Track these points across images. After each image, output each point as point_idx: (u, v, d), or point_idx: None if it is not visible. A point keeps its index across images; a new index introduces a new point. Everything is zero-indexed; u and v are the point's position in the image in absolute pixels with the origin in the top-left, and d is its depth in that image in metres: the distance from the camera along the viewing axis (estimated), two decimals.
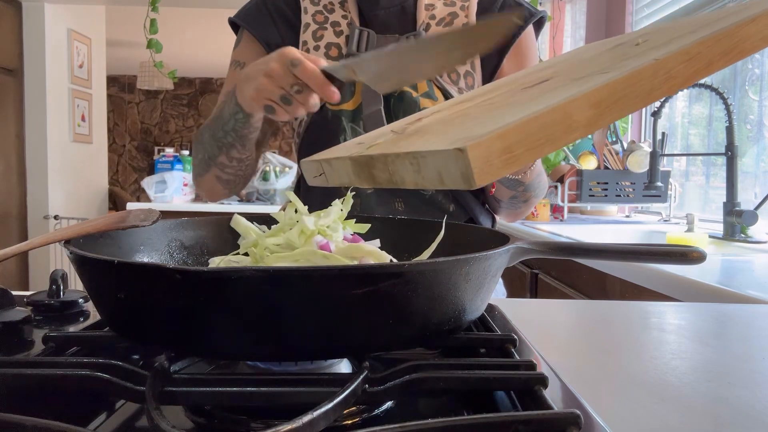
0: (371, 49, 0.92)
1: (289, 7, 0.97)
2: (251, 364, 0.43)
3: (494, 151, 0.26)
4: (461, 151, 0.26)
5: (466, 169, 0.26)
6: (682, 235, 1.69)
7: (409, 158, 0.30)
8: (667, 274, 1.10)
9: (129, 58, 6.03)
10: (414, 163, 0.30)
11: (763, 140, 1.92)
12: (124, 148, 7.31)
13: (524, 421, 0.32)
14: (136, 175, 7.24)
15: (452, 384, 0.38)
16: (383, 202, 0.93)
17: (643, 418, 0.39)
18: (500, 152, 0.26)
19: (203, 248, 0.62)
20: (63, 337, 0.46)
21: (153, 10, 3.06)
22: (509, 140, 0.26)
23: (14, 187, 3.65)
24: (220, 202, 3.71)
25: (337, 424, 0.37)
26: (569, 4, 3.17)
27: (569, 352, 0.56)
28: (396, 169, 0.32)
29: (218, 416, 0.37)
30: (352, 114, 0.92)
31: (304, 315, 0.36)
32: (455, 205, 0.96)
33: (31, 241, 0.50)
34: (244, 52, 0.98)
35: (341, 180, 0.40)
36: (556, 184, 2.29)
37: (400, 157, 0.31)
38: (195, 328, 0.37)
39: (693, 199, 2.34)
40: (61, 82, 3.86)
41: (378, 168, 0.34)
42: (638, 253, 0.52)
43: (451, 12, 0.96)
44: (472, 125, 0.32)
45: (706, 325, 0.67)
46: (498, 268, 0.45)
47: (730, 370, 0.49)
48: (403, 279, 0.36)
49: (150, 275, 0.37)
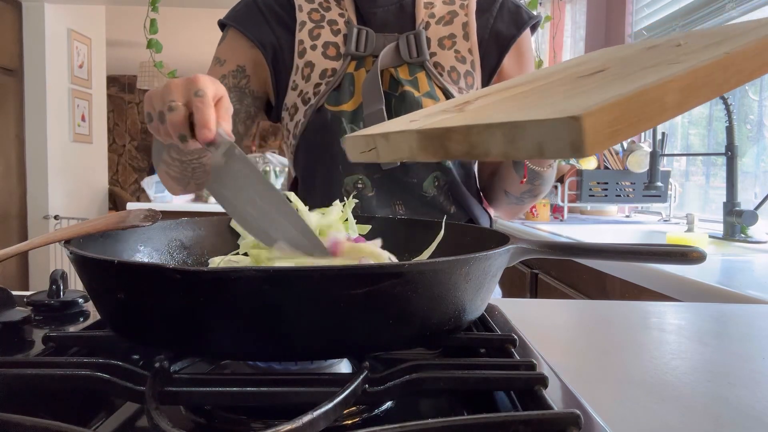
0: (370, 48, 0.92)
1: (281, 5, 0.95)
2: (251, 364, 0.43)
3: (604, 123, 0.27)
4: (575, 120, 0.26)
5: (577, 137, 0.27)
6: (682, 235, 1.69)
7: (503, 129, 0.31)
8: (667, 274, 1.10)
9: (129, 58, 6.03)
10: (508, 133, 0.30)
11: (763, 140, 1.92)
12: (124, 148, 7.31)
13: (524, 421, 0.32)
14: (136, 175, 7.24)
15: (452, 384, 0.38)
16: (383, 204, 0.92)
17: (643, 418, 0.39)
18: (608, 124, 0.28)
19: (203, 248, 0.62)
20: (63, 337, 0.46)
21: (153, 10, 3.06)
22: (615, 114, 0.28)
23: (14, 187, 3.65)
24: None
25: (337, 424, 0.37)
26: (569, 4, 3.17)
27: (569, 352, 0.56)
28: (481, 140, 0.32)
29: (218, 416, 0.37)
30: (351, 115, 0.90)
31: (304, 315, 0.36)
32: (456, 206, 0.96)
33: (31, 241, 0.50)
34: (227, 50, 0.96)
35: (398, 155, 0.40)
36: (556, 184, 2.29)
37: (491, 128, 0.32)
38: (195, 328, 0.37)
39: (693, 199, 2.34)
40: (61, 82, 3.86)
41: (455, 140, 0.34)
42: (638, 253, 0.52)
43: (450, 11, 0.96)
44: (559, 101, 0.33)
45: (706, 325, 0.67)
46: (498, 268, 0.45)
47: (730, 370, 0.49)
48: (403, 279, 0.36)
49: (150, 275, 0.37)
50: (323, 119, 0.91)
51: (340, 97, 0.90)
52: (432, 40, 0.93)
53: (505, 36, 0.96)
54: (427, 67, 0.91)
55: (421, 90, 0.90)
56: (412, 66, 0.91)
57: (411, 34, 0.92)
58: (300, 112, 0.93)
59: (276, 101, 0.97)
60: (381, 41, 0.92)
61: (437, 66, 0.92)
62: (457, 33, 0.94)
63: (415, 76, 0.91)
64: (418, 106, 0.89)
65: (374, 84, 0.88)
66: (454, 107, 0.44)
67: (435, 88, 0.91)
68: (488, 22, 0.96)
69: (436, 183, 0.93)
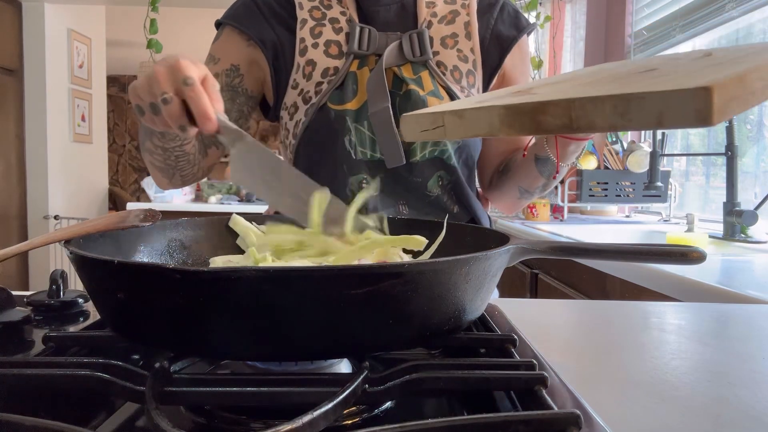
0: (373, 47, 0.92)
1: (280, 4, 0.95)
2: (251, 364, 0.43)
3: (726, 97, 0.30)
4: (706, 90, 0.29)
5: (705, 106, 0.29)
6: (682, 235, 1.69)
7: (615, 100, 0.32)
8: (667, 274, 1.10)
9: (129, 58, 6.02)
10: (620, 104, 0.32)
11: (763, 140, 1.92)
12: (124, 148, 7.31)
13: (524, 421, 0.32)
14: (136, 175, 7.24)
15: (452, 384, 0.38)
16: (388, 204, 0.93)
17: (643, 418, 0.39)
18: (727, 99, 0.30)
19: (203, 248, 0.62)
20: (63, 337, 0.46)
21: (153, 10, 3.06)
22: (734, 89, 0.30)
23: (14, 187, 3.65)
24: (220, 202, 3.71)
25: (337, 424, 0.37)
26: (569, 4, 3.17)
27: (569, 352, 0.56)
28: (585, 113, 0.33)
29: (218, 416, 0.37)
30: (355, 113, 0.90)
31: (305, 315, 0.36)
32: (459, 206, 0.96)
33: (31, 241, 0.50)
34: (221, 49, 0.96)
35: (472, 131, 0.40)
36: (556, 185, 2.29)
37: (598, 100, 0.33)
38: (195, 328, 0.37)
39: (693, 199, 2.34)
40: (61, 82, 3.86)
41: (551, 113, 0.35)
42: (638, 253, 0.52)
43: (452, 10, 0.96)
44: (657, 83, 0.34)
45: (706, 325, 0.67)
46: (498, 268, 0.45)
47: (730, 370, 0.49)
48: (403, 279, 0.36)
49: (150, 275, 0.37)
50: (326, 118, 0.91)
51: (344, 95, 0.90)
52: (434, 39, 0.94)
53: (507, 37, 0.98)
54: (430, 66, 0.92)
55: (425, 89, 0.91)
56: (416, 65, 0.92)
57: (414, 33, 0.92)
58: (300, 111, 0.92)
59: (274, 100, 0.97)
60: (383, 40, 0.92)
61: (440, 65, 0.93)
62: (459, 32, 0.95)
63: (419, 75, 0.91)
64: (423, 104, 0.89)
65: (380, 82, 0.89)
66: (511, 94, 0.44)
67: (438, 87, 0.92)
68: (489, 23, 0.98)
69: (440, 182, 0.94)
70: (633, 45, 2.68)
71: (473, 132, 0.40)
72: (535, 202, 2.28)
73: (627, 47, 2.72)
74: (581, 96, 0.34)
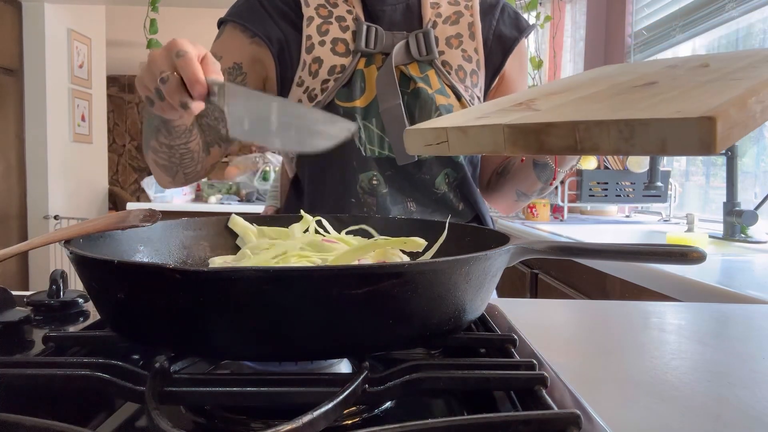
0: (380, 45, 0.92)
1: (284, 2, 0.95)
2: (251, 364, 0.43)
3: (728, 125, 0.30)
4: (710, 120, 0.29)
5: (709, 135, 0.29)
6: (682, 235, 1.69)
7: (620, 125, 0.32)
8: (667, 274, 1.10)
9: (129, 58, 6.02)
10: (625, 129, 0.32)
11: (763, 140, 1.92)
12: (124, 148, 7.31)
13: (524, 421, 0.32)
14: (136, 175, 7.24)
15: (452, 384, 0.38)
16: (397, 201, 0.93)
17: (643, 418, 0.39)
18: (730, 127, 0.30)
19: (203, 248, 0.62)
20: (63, 337, 0.46)
21: (153, 10, 3.06)
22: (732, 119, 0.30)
23: (14, 187, 3.65)
24: (219, 202, 3.71)
25: (337, 424, 0.37)
26: (569, 4, 3.17)
27: (569, 352, 0.56)
28: (590, 136, 0.33)
29: (218, 416, 0.37)
30: (364, 111, 0.91)
31: (304, 315, 0.36)
32: (464, 203, 0.97)
33: (31, 241, 0.50)
34: (223, 47, 0.95)
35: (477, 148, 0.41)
36: (556, 185, 2.29)
37: (604, 124, 0.33)
38: (195, 328, 0.37)
39: (693, 199, 2.34)
40: (61, 82, 3.86)
41: (556, 135, 0.35)
42: (638, 253, 0.52)
43: (456, 11, 0.97)
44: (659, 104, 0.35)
45: (706, 325, 0.67)
46: (498, 268, 0.45)
47: (730, 370, 0.49)
48: (403, 279, 0.36)
49: (150, 275, 0.37)
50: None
51: (352, 93, 0.91)
52: (440, 39, 0.95)
53: (509, 38, 0.99)
54: (436, 65, 0.93)
55: (432, 87, 0.92)
56: (422, 64, 0.93)
57: (420, 33, 0.93)
58: None
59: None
60: (390, 39, 0.93)
61: (445, 64, 0.94)
62: (463, 33, 0.96)
63: (426, 74, 0.92)
64: (432, 102, 0.90)
65: (390, 80, 0.89)
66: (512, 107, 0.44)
67: (444, 86, 0.93)
68: (491, 24, 0.99)
69: (447, 180, 0.95)
70: (633, 45, 2.68)
71: (477, 149, 0.40)
72: (535, 202, 2.28)
73: (627, 47, 2.72)
74: (586, 119, 0.34)
